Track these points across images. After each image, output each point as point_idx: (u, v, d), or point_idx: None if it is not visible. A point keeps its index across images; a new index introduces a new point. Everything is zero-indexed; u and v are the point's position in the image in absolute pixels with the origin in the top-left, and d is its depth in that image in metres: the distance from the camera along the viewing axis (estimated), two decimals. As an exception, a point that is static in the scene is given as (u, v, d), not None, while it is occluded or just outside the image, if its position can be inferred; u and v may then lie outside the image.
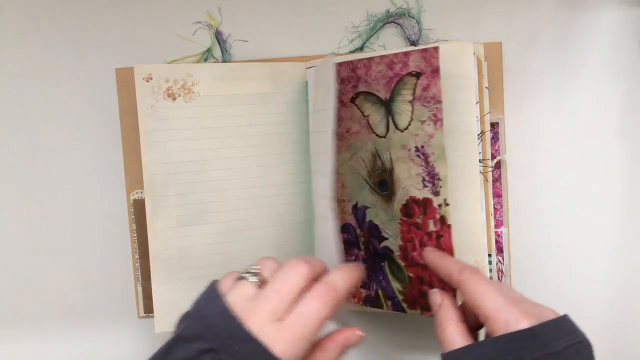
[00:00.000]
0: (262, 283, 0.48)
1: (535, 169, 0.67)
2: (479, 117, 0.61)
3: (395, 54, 0.60)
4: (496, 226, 0.67)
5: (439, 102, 0.58)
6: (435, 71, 0.58)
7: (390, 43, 0.67)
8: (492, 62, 0.66)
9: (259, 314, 0.46)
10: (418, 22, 0.66)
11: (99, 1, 0.68)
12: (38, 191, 0.70)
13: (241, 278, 0.49)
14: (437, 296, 0.55)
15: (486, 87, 0.64)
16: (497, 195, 0.67)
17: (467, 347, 0.49)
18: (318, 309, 0.46)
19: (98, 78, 0.69)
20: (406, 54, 0.59)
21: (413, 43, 0.66)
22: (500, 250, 0.67)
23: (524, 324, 0.46)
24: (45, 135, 0.70)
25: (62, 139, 0.70)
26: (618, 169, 0.67)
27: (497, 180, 0.67)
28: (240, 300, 0.47)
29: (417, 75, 0.59)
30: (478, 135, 0.60)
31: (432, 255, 0.57)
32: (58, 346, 0.72)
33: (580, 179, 0.67)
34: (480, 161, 0.61)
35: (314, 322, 0.46)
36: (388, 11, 0.67)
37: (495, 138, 0.66)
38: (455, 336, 0.51)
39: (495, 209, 0.67)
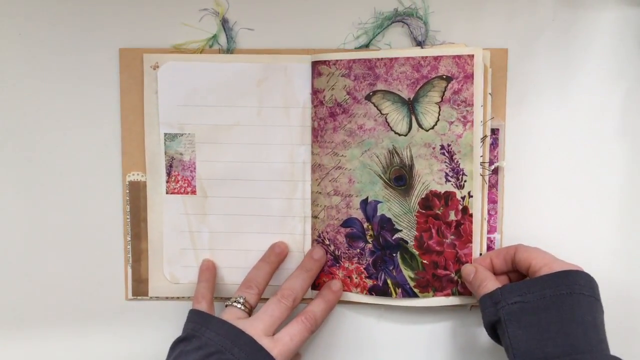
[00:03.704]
0: (248, 306, 0.63)
1: (535, 174, 0.67)
2: (482, 122, 0.64)
3: (424, 57, 0.64)
4: (489, 232, 0.67)
5: (470, 105, 0.64)
6: (469, 77, 0.63)
7: (395, 42, 0.67)
8: (496, 69, 0.66)
9: (255, 329, 0.60)
10: (425, 23, 0.66)
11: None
12: (34, 172, 0.70)
13: (229, 305, 0.63)
14: (470, 267, 0.64)
15: (489, 93, 0.65)
16: (493, 201, 0.67)
17: (518, 282, 0.60)
18: (301, 331, 0.62)
19: (101, 59, 0.68)
20: (436, 58, 0.64)
21: (419, 44, 0.66)
22: (491, 255, 0.67)
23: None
24: (44, 128, 0.69)
25: (60, 119, 0.69)
26: (618, 169, 0.67)
27: (493, 186, 0.67)
28: (232, 319, 0.61)
29: (448, 79, 0.64)
30: (481, 138, 0.64)
31: (480, 259, 0.65)
32: (48, 329, 0.71)
33: (580, 184, 0.67)
34: (480, 164, 0.64)
35: (299, 339, 0.62)
36: (396, 10, 0.67)
37: (494, 144, 0.67)
38: (494, 286, 0.60)
39: (489, 214, 0.67)
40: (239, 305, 0.63)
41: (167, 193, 0.69)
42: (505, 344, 0.58)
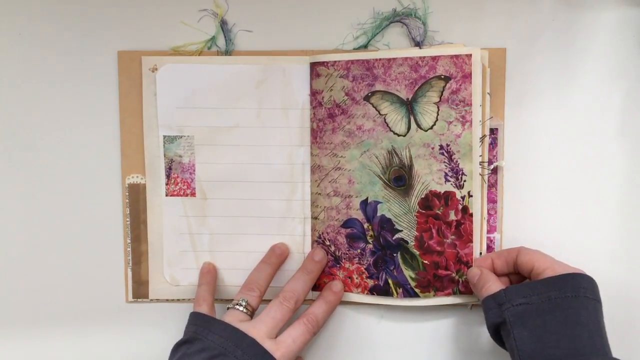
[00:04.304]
0: (250, 309, 0.63)
1: (534, 173, 0.68)
2: (481, 121, 0.64)
3: (422, 57, 0.64)
4: (489, 231, 0.67)
5: (469, 105, 0.64)
6: (467, 76, 0.64)
7: (394, 42, 0.67)
8: (494, 68, 0.66)
9: (258, 331, 0.60)
10: (424, 23, 0.66)
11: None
12: (34, 174, 0.70)
13: (231, 308, 0.63)
14: (475, 269, 0.64)
15: (488, 93, 0.65)
16: (492, 200, 0.67)
17: (522, 284, 0.61)
18: (303, 333, 0.63)
19: (100, 61, 0.68)
20: (434, 58, 0.64)
21: (418, 44, 0.66)
22: (491, 255, 0.67)
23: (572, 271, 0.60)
24: (43, 130, 0.69)
25: (59, 122, 0.69)
26: (618, 169, 0.67)
27: (492, 186, 0.67)
28: (235, 321, 0.61)
29: (446, 78, 0.64)
30: (480, 138, 0.64)
31: (481, 259, 0.65)
32: (49, 330, 0.71)
33: (580, 183, 0.67)
34: (480, 163, 0.65)
35: (301, 341, 0.62)
36: (395, 10, 0.67)
37: (493, 144, 0.67)
38: (497, 288, 0.61)
39: (489, 214, 0.67)
40: (241, 308, 0.63)
41: (166, 195, 0.69)
42: (510, 346, 0.58)
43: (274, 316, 0.62)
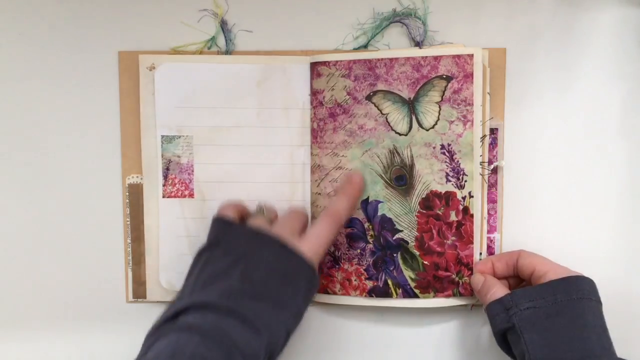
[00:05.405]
0: (270, 215, 0.62)
1: (534, 173, 0.68)
2: (481, 121, 0.64)
3: (424, 57, 0.64)
4: (489, 231, 0.67)
5: (470, 104, 0.64)
6: (469, 76, 0.64)
7: (394, 42, 0.67)
8: (494, 68, 0.66)
9: (281, 230, 0.58)
10: (424, 23, 0.66)
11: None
12: (34, 174, 0.70)
13: (253, 213, 0.63)
14: (479, 276, 0.64)
15: (488, 92, 0.65)
16: (492, 200, 0.67)
17: (528, 288, 0.60)
18: (328, 228, 0.60)
19: (100, 61, 0.68)
20: (436, 57, 0.64)
21: (418, 44, 0.66)
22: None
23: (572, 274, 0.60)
24: (44, 130, 0.69)
25: (60, 122, 0.69)
26: (618, 169, 0.67)
27: (492, 186, 0.67)
28: (258, 224, 0.59)
29: (448, 78, 0.64)
30: (480, 138, 0.65)
31: (482, 263, 0.65)
32: (49, 330, 0.71)
33: (579, 183, 0.68)
34: (480, 163, 0.65)
35: (326, 237, 0.60)
36: (394, 10, 0.67)
37: (493, 144, 0.67)
38: (503, 293, 0.61)
39: (489, 214, 0.67)
40: (260, 215, 0.62)
41: (163, 197, 0.68)
42: (520, 351, 0.58)
43: (290, 217, 0.62)
